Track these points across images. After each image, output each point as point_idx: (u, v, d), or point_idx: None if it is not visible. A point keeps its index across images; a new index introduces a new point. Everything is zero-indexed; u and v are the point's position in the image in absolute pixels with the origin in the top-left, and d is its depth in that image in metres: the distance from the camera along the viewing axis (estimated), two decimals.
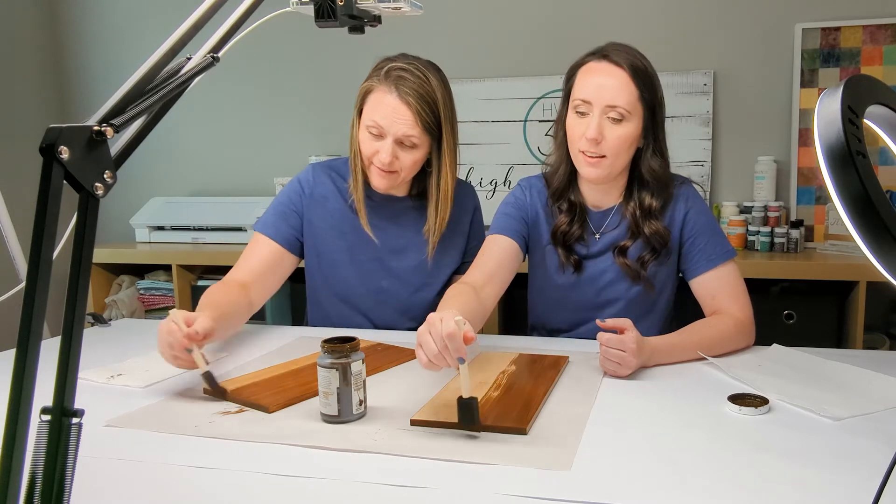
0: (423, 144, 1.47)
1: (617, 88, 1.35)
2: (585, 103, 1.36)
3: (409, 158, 1.47)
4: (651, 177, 1.43)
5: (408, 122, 1.43)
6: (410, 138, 1.45)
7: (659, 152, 1.43)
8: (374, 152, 1.47)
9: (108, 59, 3.25)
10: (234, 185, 3.15)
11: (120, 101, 0.64)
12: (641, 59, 1.38)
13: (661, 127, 1.43)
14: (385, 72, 1.45)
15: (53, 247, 0.57)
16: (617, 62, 1.36)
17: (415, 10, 1.02)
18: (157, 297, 2.88)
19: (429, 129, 1.46)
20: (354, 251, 1.59)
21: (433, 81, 1.46)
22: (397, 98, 1.42)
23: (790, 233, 2.38)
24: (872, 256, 0.65)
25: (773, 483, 0.82)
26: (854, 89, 0.68)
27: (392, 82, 1.43)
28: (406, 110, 1.42)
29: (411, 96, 1.42)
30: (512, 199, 1.56)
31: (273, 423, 1.03)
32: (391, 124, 1.43)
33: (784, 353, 1.35)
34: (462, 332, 0.98)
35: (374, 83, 1.46)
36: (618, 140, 1.36)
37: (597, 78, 1.37)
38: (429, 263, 1.60)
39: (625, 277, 1.47)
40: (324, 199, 1.60)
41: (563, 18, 2.73)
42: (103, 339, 1.57)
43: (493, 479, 0.84)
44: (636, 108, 1.36)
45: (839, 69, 2.47)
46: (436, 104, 1.45)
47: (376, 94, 1.45)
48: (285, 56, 3.01)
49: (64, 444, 0.58)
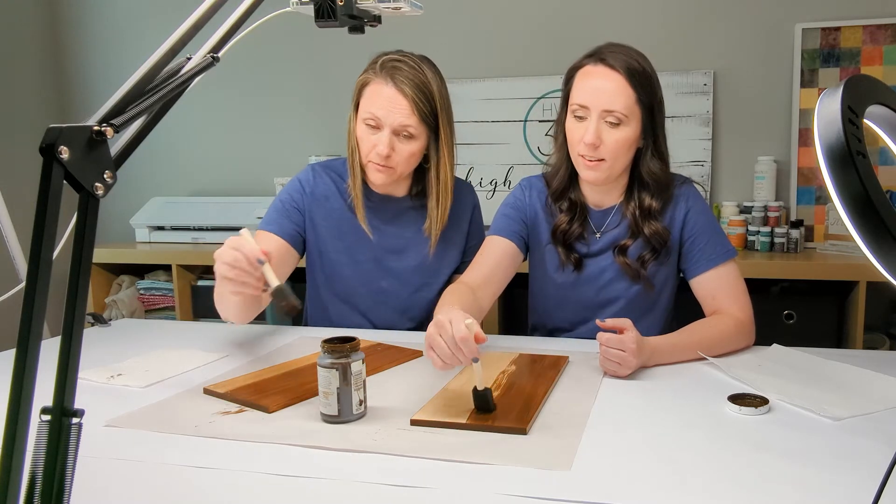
0: (420, 135, 1.48)
1: (613, 93, 1.34)
2: (583, 108, 1.37)
3: (406, 150, 1.47)
4: (650, 178, 1.43)
5: (405, 112, 1.44)
6: (408, 128, 1.45)
7: (658, 154, 1.43)
8: (371, 146, 1.47)
9: (108, 59, 3.25)
10: (234, 185, 3.15)
11: (120, 101, 0.64)
12: (639, 60, 1.38)
13: (661, 127, 1.43)
14: (380, 64, 1.46)
15: (53, 247, 0.57)
16: (612, 66, 1.35)
17: (415, 10, 1.02)
18: (157, 297, 2.88)
19: (425, 120, 1.46)
20: (354, 251, 1.59)
21: (428, 73, 1.47)
22: (393, 88, 1.43)
23: (790, 233, 2.38)
24: (872, 256, 0.65)
25: (773, 483, 0.82)
26: (854, 89, 0.68)
27: (388, 73, 1.44)
28: (402, 99, 1.43)
29: (407, 86, 1.43)
30: (511, 200, 1.56)
31: (273, 423, 1.03)
32: (388, 114, 1.44)
33: (784, 353, 1.35)
34: (473, 334, 1.02)
35: (369, 76, 1.47)
36: (616, 144, 1.36)
37: (593, 82, 1.37)
38: (430, 259, 1.60)
39: (625, 276, 1.48)
40: (324, 198, 1.60)
41: (563, 18, 2.73)
42: (103, 339, 1.57)
43: (493, 479, 0.84)
44: (633, 111, 1.36)
45: (839, 69, 2.47)
46: (431, 95, 1.46)
47: (372, 86, 1.46)
48: (285, 56, 3.01)
49: (64, 444, 0.58)
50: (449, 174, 1.54)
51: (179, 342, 1.50)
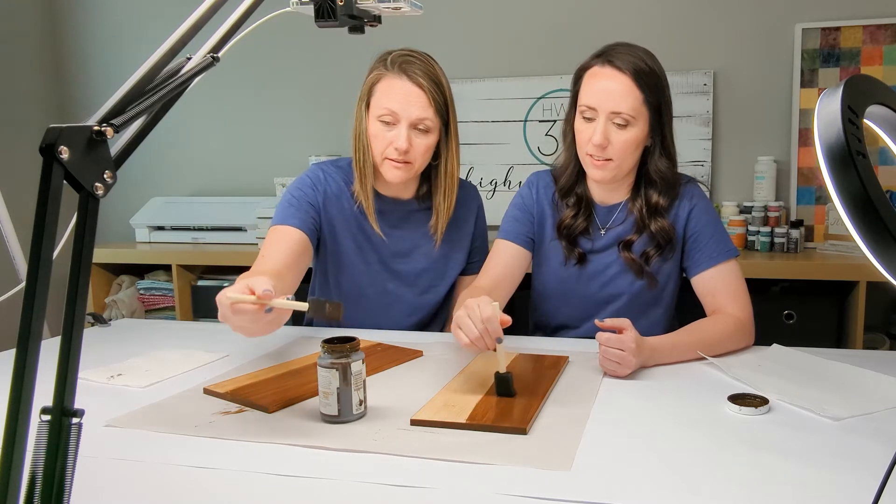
0: (434, 129, 1.48)
1: (620, 94, 1.35)
2: (591, 109, 1.39)
3: (423, 144, 1.47)
4: (658, 177, 1.45)
5: (422, 103, 1.44)
6: (424, 121, 1.45)
7: (666, 153, 1.44)
8: (387, 143, 1.46)
9: (108, 59, 3.25)
10: (234, 185, 3.15)
11: (120, 101, 0.64)
12: (646, 60, 1.38)
13: (669, 125, 1.44)
14: (391, 60, 1.47)
15: (53, 247, 0.57)
16: (620, 67, 1.36)
17: (415, 10, 1.02)
18: (157, 297, 2.88)
19: (440, 112, 1.48)
20: (364, 252, 1.59)
21: (437, 67, 1.50)
22: (409, 81, 1.44)
23: (790, 233, 2.38)
24: (872, 256, 0.65)
25: (773, 483, 0.82)
26: (854, 89, 0.68)
27: (400, 68, 1.45)
28: (420, 92, 1.44)
29: (422, 78, 1.44)
30: (519, 201, 1.58)
31: (273, 423, 1.03)
32: (405, 108, 1.44)
33: (784, 353, 1.35)
34: (498, 316, 1.10)
35: (381, 72, 1.47)
36: (623, 144, 1.38)
37: (600, 83, 1.38)
38: (436, 261, 1.60)
39: (628, 272, 1.49)
40: (336, 197, 1.57)
41: (563, 18, 2.74)
42: (103, 339, 1.57)
43: (493, 479, 0.84)
44: (640, 112, 1.37)
45: (839, 69, 2.47)
46: (443, 88, 1.49)
47: (385, 81, 1.46)
48: (285, 56, 3.01)
49: (64, 444, 0.58)
50: (457, 168, 1.56)
51: (179, 342, 1.50)
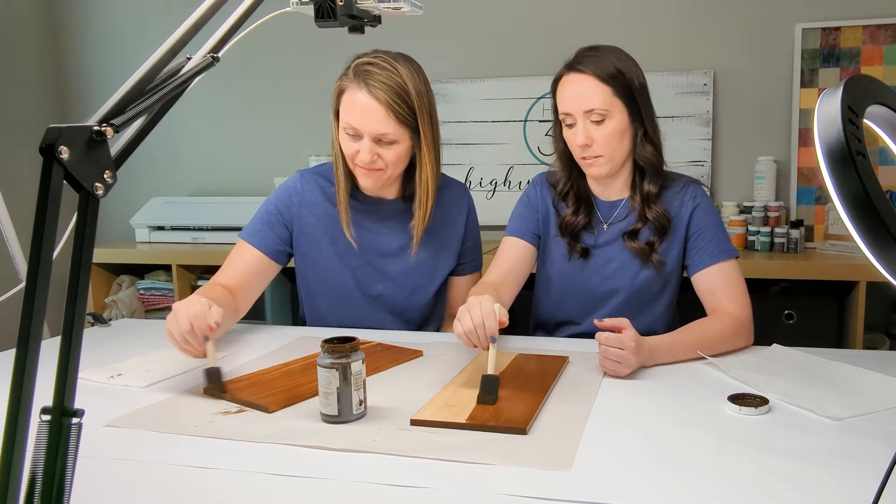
0: (402, 138, 1.44)
1: (588, 94, 1.41)
2: (569, 115, 1.45)
3: (391, 155, 1.45)
4: (645, 164, 1.49)
5: (380, 119, 1.40)
6: (386, 135, 1.42)
7: (649, 140, 1.47)
8: (354, 153, 1.45)
9: (108, 59, 3.25)
10: (234, 185, 3.15)
11: (120, 101, 0.64)
12: (608, 56, 1.42)
13: (648, 108, 1.46)
14: (353, 68, 1.43)
15: (53, 247, 0.57)
16: (582, 70, 1.42)
17: (415, 10, 1.02)
18: (157, 297, 2.89)
19: (405, 122, 1.42)
20: (347, 256, 1.58)
21: (402, 71, 1.41)
22: (367, 94, 1.39)
23: (790, 233, 2.38)
24: (872, 256, 0.65)
25: (773, 483, 0.82)
26: (854, 89, 0.68)
27: (360, 78, 1.40)
28: (377, 106, 1.39)
29: (381, 90, 1.39)
30: (525, 199, 1.62)
31: (273, 423, 1.03)
32: (364, 123, 1.41)
33: (784, 353, 1.35)
34: (497, 314, 1.13)
35: (344, 82, 1.44)
36: (606, 138, 1.42)
37: (569, 89, 1.44)
38: (421, 261, 1.60)
39: (630, 267, 1.50)
40: (313, 205, 1.58)
41: (562, 18, 2.74)
42: (103, 339, 1.57)
43: (493, 479, 0.84)
44: (613, 104, 1.41)
45: (839, 69, 2.47)
46: (408, 95, 1.41)
47: (348, 93, 1.43)
48: (285, 56, 3.01)
49: (64, 444, 0.58)
50: (430, 175, 1.49)
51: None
